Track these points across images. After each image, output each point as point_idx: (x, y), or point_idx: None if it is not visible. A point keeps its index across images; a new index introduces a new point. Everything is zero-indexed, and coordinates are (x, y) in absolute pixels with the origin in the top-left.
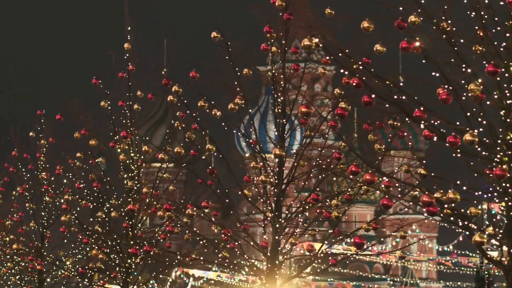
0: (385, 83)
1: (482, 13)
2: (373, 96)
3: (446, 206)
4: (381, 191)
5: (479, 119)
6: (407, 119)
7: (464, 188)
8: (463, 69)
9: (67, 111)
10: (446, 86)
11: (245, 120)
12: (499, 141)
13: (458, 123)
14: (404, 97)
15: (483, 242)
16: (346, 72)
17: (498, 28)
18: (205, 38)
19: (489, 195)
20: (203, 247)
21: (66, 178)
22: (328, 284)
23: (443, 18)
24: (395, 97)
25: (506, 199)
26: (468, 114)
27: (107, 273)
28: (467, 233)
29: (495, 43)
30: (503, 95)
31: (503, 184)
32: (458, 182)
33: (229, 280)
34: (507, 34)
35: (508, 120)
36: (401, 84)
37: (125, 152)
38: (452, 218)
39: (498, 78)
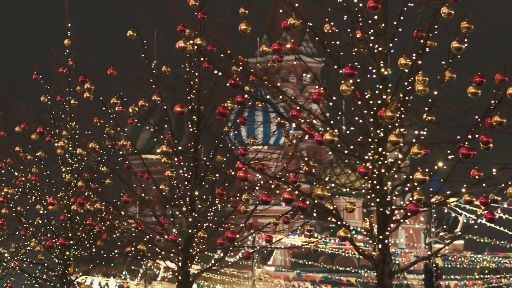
0: (263, 83)
1: (359, 15)
2: (246, 96)
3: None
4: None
5: (356, 118)
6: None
7: (333, 185)
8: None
9: (7, 105)
10: (317, 87)
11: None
12: (369, 140)
13: (332, 122)
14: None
15: (347, 237)
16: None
17: (371, 31)
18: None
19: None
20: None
21: (16, 171)
22: (296, 276)
23: (327, 20)
24: (268, 97)
25: (373, 195)
26: (323, 115)
27: (46, 265)
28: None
29: (370, 44)
30: (373, 95)
31: (370, 181)
32: (327, 179)
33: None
34: (372, 38)
35: (372, 120)
36: (278, 84)
37: (61, 146)
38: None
39: (358, 79)
